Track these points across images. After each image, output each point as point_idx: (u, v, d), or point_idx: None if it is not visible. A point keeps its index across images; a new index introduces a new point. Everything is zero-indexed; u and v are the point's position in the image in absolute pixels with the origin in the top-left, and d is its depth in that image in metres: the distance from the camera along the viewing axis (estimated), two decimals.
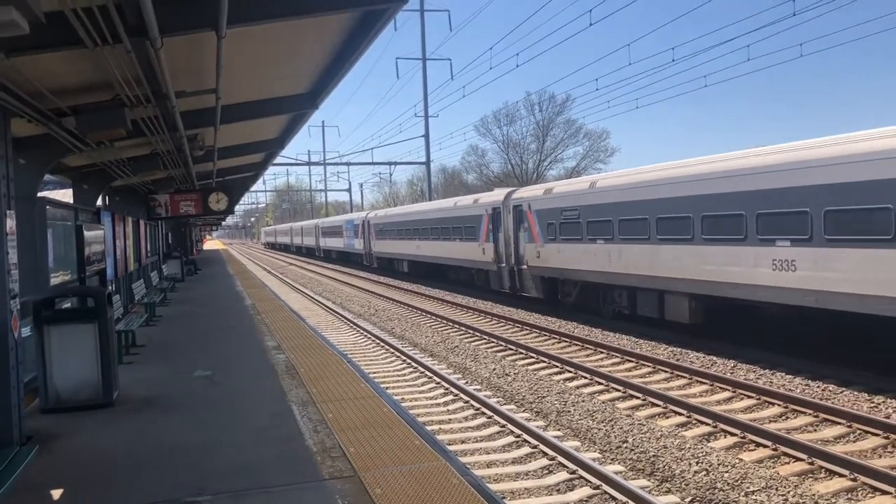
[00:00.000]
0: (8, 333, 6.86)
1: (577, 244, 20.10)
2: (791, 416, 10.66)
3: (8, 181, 7.02)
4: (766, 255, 13.69)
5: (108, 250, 14.90)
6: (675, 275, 16.20)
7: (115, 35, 5.60)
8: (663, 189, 16.54)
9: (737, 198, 14.33)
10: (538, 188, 24.45)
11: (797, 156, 13.24)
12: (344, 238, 53.60)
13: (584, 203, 19.84)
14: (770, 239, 13.63)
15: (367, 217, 46.34)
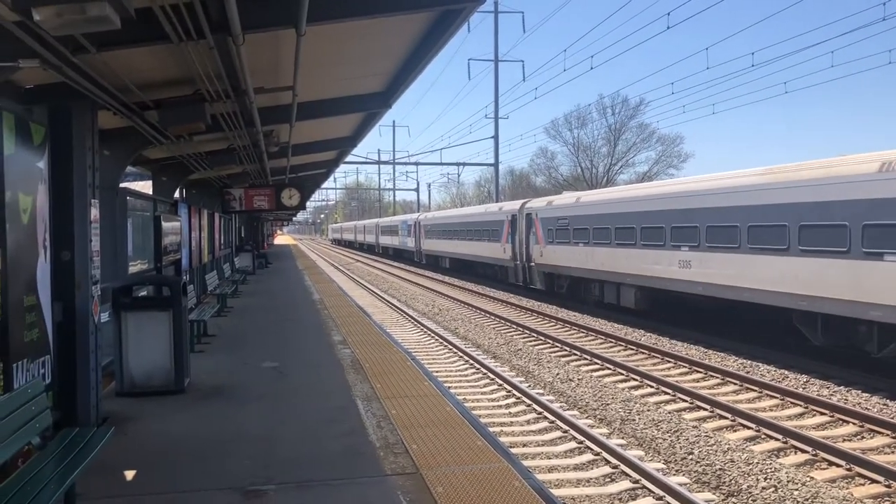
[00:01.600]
0: (89, 318, 7.13)
1: (567, 246, 25.39)
2: (867, 435, 10.27)
3: (94, 171, 7.30)
4: (676, 256, 18.77)
5: (184, 241, 15.33)
6: (626, 271, 21.25)
7: (199, 31, 5.74)
8: (620, 206, 22.03)
9: (660, 215, 19.60)
10: (544, 200, 29.91)
11: (689, 187, 19.25)
12: (399, 236, 58.88)
13: (572, 214, 25.17)
14: (677, 245, 18.76)
15: (419, 218, 52.10)
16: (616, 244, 21.73)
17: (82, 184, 7.09)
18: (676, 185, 20.84)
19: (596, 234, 23.11)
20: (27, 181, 6.16)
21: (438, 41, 8.35)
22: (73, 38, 5.48)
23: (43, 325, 6.48)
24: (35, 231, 6.32)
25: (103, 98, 7.13)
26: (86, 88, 6.58)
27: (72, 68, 5.99)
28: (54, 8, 3.96)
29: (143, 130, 9.06)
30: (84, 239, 7.12)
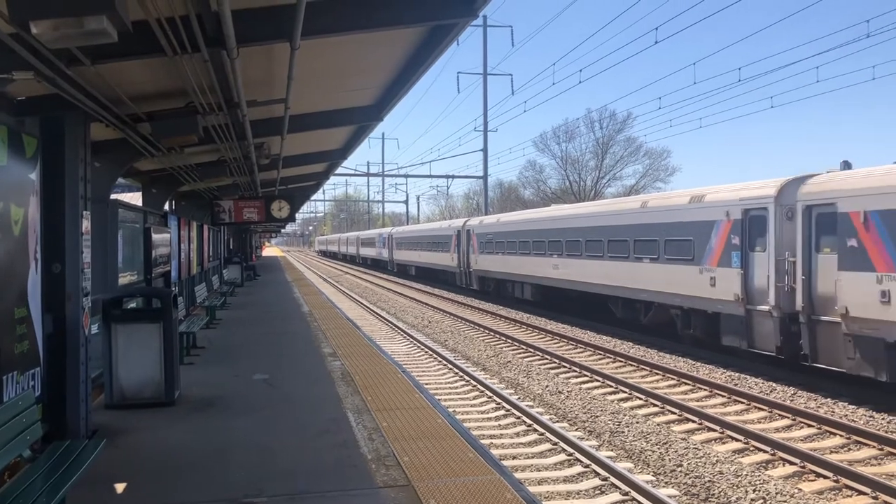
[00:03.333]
0: (79, 329, 7.12)
1: (492, 255, 32.40)
2: (854, 447, 10.34)
3: (86, 183, 7.31)
4: (550, 262, 25.69)
5: (174, 253, 15.31)
6: (525, 273, 28.32)
7: (193, 44, 5.79)
8: (522, 226, 29.10)
9: (541, 233, 26.57)
10: (478, 219, 38.07)
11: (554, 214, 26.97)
12: (376, 248, 64.75)
13: (495, 231, 32.25)
14: (551, 254, 25.56)
15: (391, 232, 59.09)
16: (520, 254, 28.76)
17: (74, 196, 7.09)
18: (549, 212, 28.39)
19: (508, 246, 30.08)
20: (19, 193, 6.16)
21: (430, 55, 8.43)
22: (68, 51, 5.51)
23: (33, 336, 6.47)
24: (26, 242, 6.32)
25: (96, 110, 7.15)
26: (79, 100, 6.60)
27: (66, 80, 6.02)
28: (52, 21, 3.98)
29: (135, 142, 9.07)
30: (75, 251, 7.12)
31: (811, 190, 14.14)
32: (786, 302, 14.51)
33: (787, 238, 14.59)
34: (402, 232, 55.58)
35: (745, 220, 15.74)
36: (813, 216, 13.95)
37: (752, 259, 15.53)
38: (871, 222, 12.45)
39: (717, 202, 16.77)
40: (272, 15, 6.18)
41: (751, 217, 15.63)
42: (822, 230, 13.76)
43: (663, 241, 18.59)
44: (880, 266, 12.25)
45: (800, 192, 14.32)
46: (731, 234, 16.06)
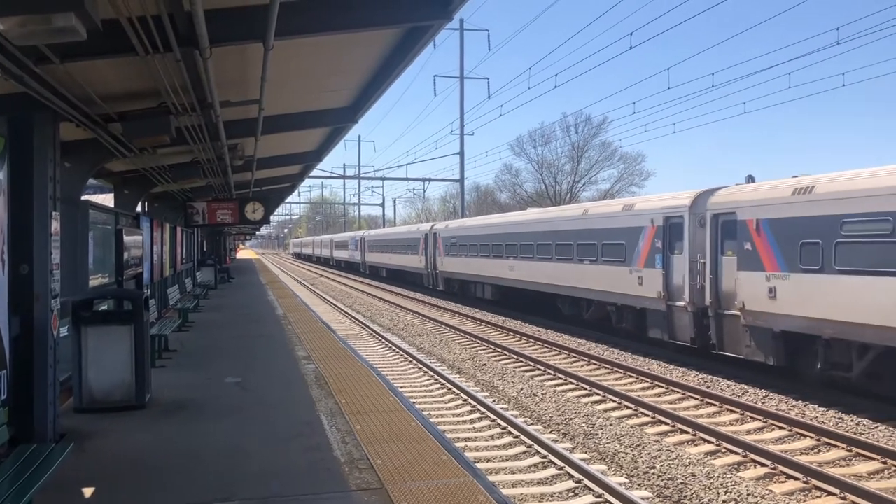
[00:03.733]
0: (48, 332, 7.01)
1: (456, 258, 33.78)
2: (824, 449, 10.46)
3: (55, 183, 7.20)
4: (507, 264, 27.32)
5: (146, 255, 15.14)
6: (485, 274, 29.98)
7: (166, 44, 5.73)
8: (482, 230, 30.68)
9: (498, 237, 28.39)
10: (444, 223, 40.14)
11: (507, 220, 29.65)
12: (349, 250, 66.01)
13: (459, 234, 33.83)
14: (507, 256, 27.33)
15: (363, 235, 60.23)
16: (481, 256, 30.30)
17: (42, 196, 6.99)
18: (506, 218, 30.93)
19: (471, 249, 31.63)
20: None
21: (405, 57, 8.43)
22: (37, 49, 5.42)
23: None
24: None
25: (66, 109, 7.05)
26: (48, 99, 6.50)
27: (34, 79, 5.93)
28: (19, 18, 3.93)
29: (107, 143, 8.96)
30: (44, 252, 7.01)
31: (717, 201, 15.99)
32: (698, 298, 16.23)
33: (699, 242, 16.27)
34: (373, 235, 57.10)
35: (666, 226, 17.48)
36: (718, 223, 15.73)
37: (671, 261, 17.33)
38: (761, 229, 14.32)
39: (643, 211, 18.72)
40: (245, 15, 6.14)
41: (670, 224, 17.38)
42: (725, 236, 15.54)
43: (601, 245, 20.53)
44: (768, 266, 14.14)
45: (709, 203, 16.16)
46: (655, 238, 17.81)
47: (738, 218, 14.94)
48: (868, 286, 12.12)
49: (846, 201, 12.63)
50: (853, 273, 12.38)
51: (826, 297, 12.91)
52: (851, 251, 12.47)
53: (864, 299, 12.16)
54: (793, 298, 13.61)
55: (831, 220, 12.81)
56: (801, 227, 13.41)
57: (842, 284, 12.60)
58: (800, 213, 13.50)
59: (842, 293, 12.58)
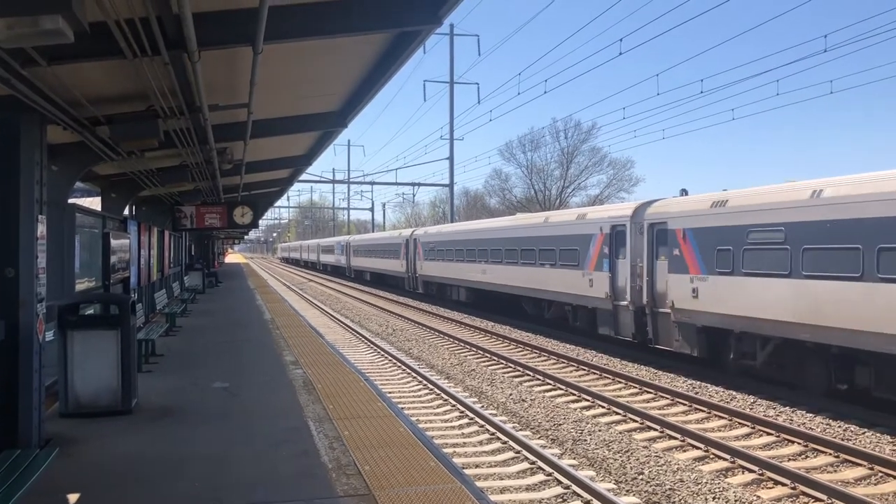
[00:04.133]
0: (33, 336, 6.95)
1: (434, 262, 35.69)
2: (811, 455, 10.50)
3: (41, 187, 7.15)
4: (480, 268, 29.11)
5: (133, 259, 15.05)
6: (460, 278, 31.83)
7: (154, 47, 5.69)
8: (458, 236, 32.88)
9: (471, 242, 30.50)
10: (423, 229, 42.15)
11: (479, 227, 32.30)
12: (335, 255, 68.45)
13: (437, 240, 35.64)
14: (479, 261, 29.13)
15: (349, 240, 62.30)
16: (456, 261, 32.05)
17: (29, 199, 6.93)
18: (479, 225, 33.91)
19: (447, 254, 33.55)
20: None
21: (395, 62, 8.42)
22: (23, 51, 5.38)
23: None
24: None
25: (53, 112, 7.01)
26: (35, 102, 6.46)
27: (21, 81, 5.88)
28: (5, 20, 3.90)
29: (94, 146, 8.90)
30: (29, 255, 6.95)
31: (652, 212, 17.95)
32: (637, 298, 18.18)
33: (639, 249, 18.18)
34: (358, 240, 59.60)
35: (612, 234, 19.51)
36: (654, 232, 17.66)
37: (616, 265, 19.29)
38: (687, 237, 16.35)
39: (594, 220, 20.81)
40: (234, 18, 6.12)
41: (616, 232, 19.39)
42: (659, 242, 17.49)
43: (559, 251, 22.56)
44: (692, 269, 16.13)
45: (646, 214, 18.11)
46: (603, 245, 19.82)
47: (669, 227, 16.94)
48: (766, 286, 14.07)
49: (751, 213, 14.63)
50: (755, 275, 14.38)
51: (736, 296, 14.90)
52: (754, 256, 14.46)
53: (763, 298, 14.10)
54: (711, 298, 15.59)
55: (740, 230, 14.80)
56: (718, 235, 15.43)
57: (747, 285, 14.58)
58: (716, 224, 15.53)
59: (747, 293, 14.55)
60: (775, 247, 13.89)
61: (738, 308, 14.81)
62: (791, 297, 13.46)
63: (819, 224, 13.01)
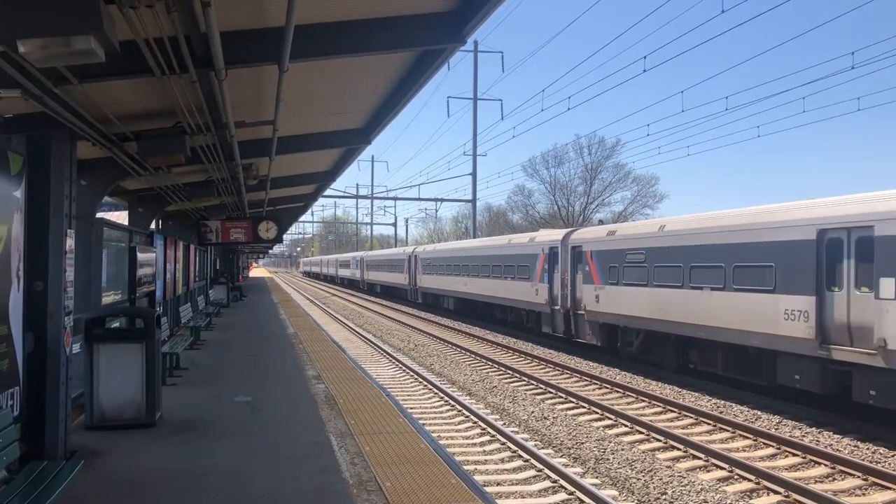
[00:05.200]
0: (61, 349, 7.04)
1: (432, 276, 40.71)
2: (838, 477, 10.33)
3: (70, 201, 7.27)
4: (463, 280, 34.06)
5: (159, 273, 15.22)
6: (449, 288, 37.05)
7: (182, 65, 5.80)
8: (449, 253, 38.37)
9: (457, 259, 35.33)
10: (423, 247, 48.68)
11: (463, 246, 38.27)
12: (351, 269, 74.10)
13: (433, 256, 41.19)
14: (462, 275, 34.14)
15: (362, 256, 69.15)
16: (447, 274, 37.42)
17: (59, 214, 7.05)
18: (464, 244, 39.80)
19: (441, 269, 38.85)
20: (3, 210, 6.13)
21: (419, 80, 8.48)
22: (56, 69, 5.50)
23: (13, 355, 6.39)
24: (9, 260, 6.27)
25: (83, 129, 7.14)
26: (66, 119, 6.59)
27: (53, 99, 6.01)
28: (40, 41, 3.99)
29: (122, 161, 9.05)
30: (58, 269, 7.06)
31: (574, 237, 23.73)
32: (565, 303, 23.63)
33: (566, 265, 23.54)
34: (370, 256, 66.30)
35: (550, 254, 24.80)
36: (574, 253, 23.16)
37: (553, 277, 24.46)
38: (592, 257, 21.71)
39: (540, 242, 26.11)
40: (261, 37, 6.21)
41: (552, 252, 24.67)
42: (577, 261, 22.92)
43: (516, 266, 27.74)
44: (596, 281, 21.39)
45: (570, 239, 23.83)
46: (545, 262, 25.09)
47: (583, 249, 22.41)
48: (636, 293, 19.31)
49: (628, 240, 20.07)
50: (630, 285, 19.61)
51: (620, 300, 20.14)
52: (630, 272, 19.66)
53: (635, 301, 19.31)
54: (607, 302, 20.88)
55: (622, 253, 20.14)
56: (609, 256, 20.82)
57: (626, 292, 19.82)
58: (609, 248, 20.95)
59: (626, 298, 19.77)
60: (640, 265, 19.13)
61: (621, 309, 20.10)
62: (648, 300, 18.72)
63: (662, 249, 18.27)
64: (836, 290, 13.19)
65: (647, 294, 18.51)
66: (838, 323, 13.08)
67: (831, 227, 13.42)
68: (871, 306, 12.33)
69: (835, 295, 13.23)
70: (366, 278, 64.08)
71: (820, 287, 13.48)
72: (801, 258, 13.89)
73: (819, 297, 13.44)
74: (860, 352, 12.43)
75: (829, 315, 13.27)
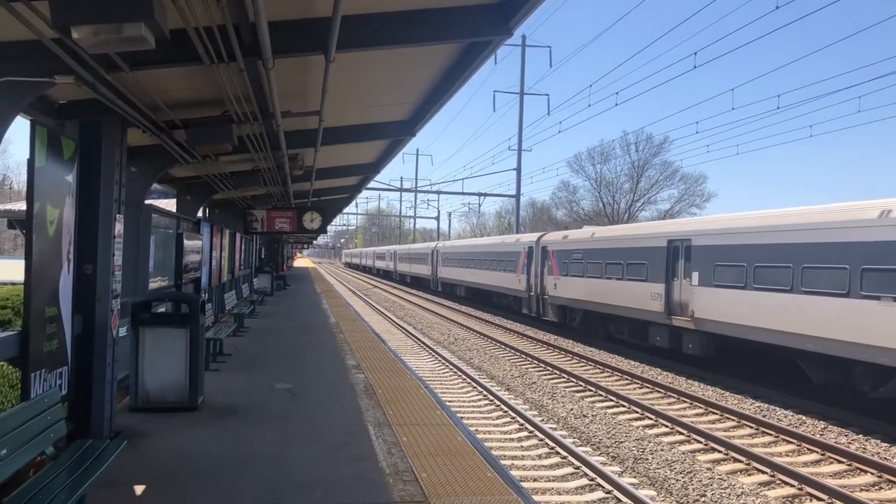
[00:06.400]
0: (108, 331, 7.20)
1: (448, 267, 47.75)
2: (885, 486, 10.08)
3: (120, 187, 7.42)
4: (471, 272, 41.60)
5: (205, 260, 15.45)
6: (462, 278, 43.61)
7: (230, 54, 5.86)
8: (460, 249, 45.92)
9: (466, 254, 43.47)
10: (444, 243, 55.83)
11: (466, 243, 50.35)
12: (385, 261, 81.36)
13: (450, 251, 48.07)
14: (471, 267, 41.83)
15: (395, 249, 76.06)
16: (460, 267, 44.40)
17: (108, 199, 7.20)
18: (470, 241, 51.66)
19: (455, 262, 45.92)
20: (55, 194, 6.27)
21: (464, 72, 8.45)
22: (108, 56, 5.61)
23: (62, 336, 6.55)
24: (60, 243, 6.42)
25: (134, 116, 7.27)
26: (117, 106, 6.71)
27: (105, 85, 6.12)
28: (92, 27, 4.07)
29: (171, 149, 9.19)
30: (107, 253, 7.21)
31: (543, 239, 30.58)
32: (536, 290, 30.42)
33: (538, 261, 30.25)
34: (402, 249, 73.02)
35: (527, 251, 31.65)
36: (543, 251, 29.76)
37: (530, 269, 31.15)
38: (553, 255, 28.44)
39: (523, 242, 33.02)
40: (308, 27, 6.25)
41: (529, 249, 31.54)
42: (544, 258, 29.61)
43: (507, 261, 34.46)
44: (555, 273, 28.14)
45: (541, 241, 30.63)
46: (525, 258, 31.82)
47: (548, 249, 29.14)
48: (577, 282, 25.92)
49: (572, 242, 26.98)
50: (575, 276, 26.22)
51: (569, 287, 26.74)
52: (574, 266, 26.24)
53: (576, 288, 26.05)
54: (562, 289, 27.51)
55: (570, 251, 26.89)
56: (563, 254, 27.50)
57: (572, 282, 26.45)
58: (562, 248, 27.70)
59: (572, 286, 26.42)
60: (580, 261, 25.82)
61: (570, 294, 26.79)
62: (584, 287, 25.35)
63: (592, 250, 25.03)
64: (675, 280, 19.67)
65: (584, 283, 25.40)
66: (675, 301, 19.62)
67: (673, 239, 19.98)
68: (688, 290, 18.99)
69: (674, 283, 19.74)
70: (398, 269, 71.42)
71: (668, 277, 19.96)
72: (659, 258, 20.37)
73: (668, 285, 19.95)
74: (685, 319, 19.00)
75: (672, 296, 19.79)
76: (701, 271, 18.46)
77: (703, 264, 18.37)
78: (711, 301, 17.94)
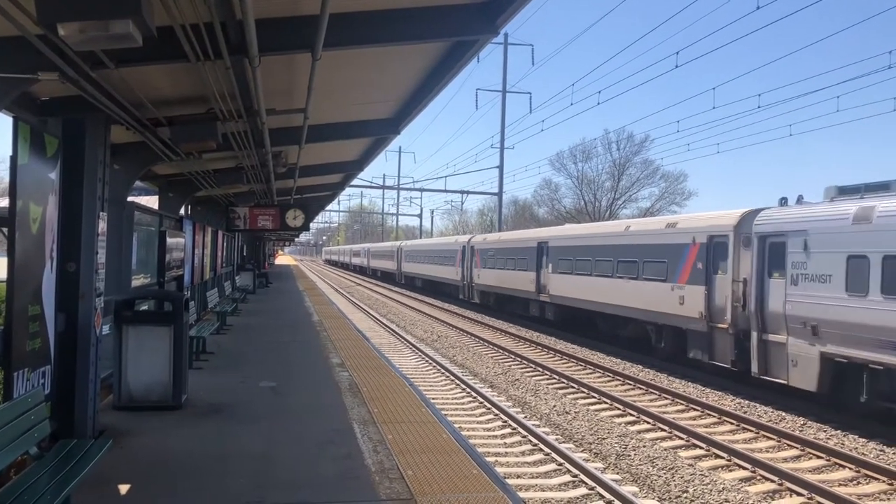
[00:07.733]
0: (91, 329, 7.16)
1: (410, 263, 54.16)
2: (863, 481, 10.22)
3: (103, 185, 7.37)
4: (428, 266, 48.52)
5: (187, 258, 15.37)
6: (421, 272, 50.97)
7: (217, 51, 5.85)
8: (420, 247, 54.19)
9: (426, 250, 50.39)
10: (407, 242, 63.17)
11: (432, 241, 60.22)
12: (360, 258, 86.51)
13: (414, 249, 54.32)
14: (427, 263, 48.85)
15: (370, 247, 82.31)
16: (420, 262, 50.22)
17: (92, 196, 7.15)
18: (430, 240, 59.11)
19: (416, 258, 51.75)
20: (39, 191, 6.22)
21: (450, 71, 8.48)
22: (93, 53, 5.57)
23: (45, 334, 6.50)
24: (43, 241, 6.37)
25: (118, 113, 7.23)
26: (101, 103, 6.67)
27: (89, 82, 6.08)
28: (78, 24, 4.04)
29: (155, 146, 9.15)
30: (90, 251, 7.17)
31: (472, 241, 38.36)
32: (467, 279, 37.82)
33: (469, 257, 37.57)
34: (374, 248, 79.42)
35: (462, 249, 38.70)
36: (471, 250, 37.46)
37: (464, 264, 38.08)
38: (478, 253, 36.50)
39: (459, 242, 40.23)
40: (295, 25, 6.25)
41: (463, 248, 38.82)
42: (472, 255, 36.75)
43: (449, 257, 41.48)
44: (478, 266, 36.06)
45: (471, 241, 38.32)
46: (461, 255, 39.14)
47: (476, 248, 36.45)
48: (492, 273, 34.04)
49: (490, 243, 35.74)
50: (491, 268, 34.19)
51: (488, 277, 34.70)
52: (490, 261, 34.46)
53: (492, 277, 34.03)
54: (483, 278, 35.24)
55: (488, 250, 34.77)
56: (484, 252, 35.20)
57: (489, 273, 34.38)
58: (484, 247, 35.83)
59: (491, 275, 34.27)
60: (493, 257, 33.49)
61: (487, 281, 34.54)
62: (495, 276, 33.15)
63: (501, 248, 32.75)
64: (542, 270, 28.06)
65: (495, 273, 33.24)
66: (542, 284, 27.83)
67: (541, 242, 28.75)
68: (547, 276, 27.30)
69: (541, 272, 28.10)
70: (371, 265, 76.47)
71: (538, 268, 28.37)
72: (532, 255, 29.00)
73: (537, 273, 28.38)
74: (546, 296, 27.30)
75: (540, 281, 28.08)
76: (553, 263, 26.99)
77: (554, 259, 26.92)
78: (558, 283, 26.47)
